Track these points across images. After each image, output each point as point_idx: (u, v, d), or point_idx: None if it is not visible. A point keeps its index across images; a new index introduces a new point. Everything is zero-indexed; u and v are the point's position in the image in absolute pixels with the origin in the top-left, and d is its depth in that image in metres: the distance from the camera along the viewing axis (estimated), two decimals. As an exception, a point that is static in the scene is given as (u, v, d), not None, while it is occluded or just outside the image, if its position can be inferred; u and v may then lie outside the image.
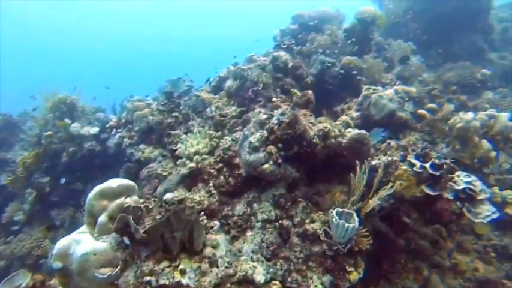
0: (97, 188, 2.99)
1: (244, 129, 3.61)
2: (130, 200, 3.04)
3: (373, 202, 2.92)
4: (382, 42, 6.79)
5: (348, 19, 6.73)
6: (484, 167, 3.55)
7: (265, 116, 3.53)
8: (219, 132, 4.16)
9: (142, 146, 4.88)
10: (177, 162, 3.96)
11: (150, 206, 2.99)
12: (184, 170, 3.78)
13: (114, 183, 3.07)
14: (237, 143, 3.66)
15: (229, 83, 4.77)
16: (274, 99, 4.32)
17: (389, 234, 3.68)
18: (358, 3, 6.71)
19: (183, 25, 47.57)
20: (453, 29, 7.10)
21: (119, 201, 2.97)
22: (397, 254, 3.72)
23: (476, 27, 7.17)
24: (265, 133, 3.35)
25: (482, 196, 3.04)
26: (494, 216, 3.09)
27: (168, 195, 3.53)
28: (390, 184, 3.01)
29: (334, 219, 2.76)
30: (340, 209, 2.92)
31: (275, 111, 3.58)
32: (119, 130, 5.34)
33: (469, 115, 3.51)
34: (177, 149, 4.11)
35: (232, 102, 4.61)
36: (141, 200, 3.41)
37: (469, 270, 4.12)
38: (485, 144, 3.51)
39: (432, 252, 3.93)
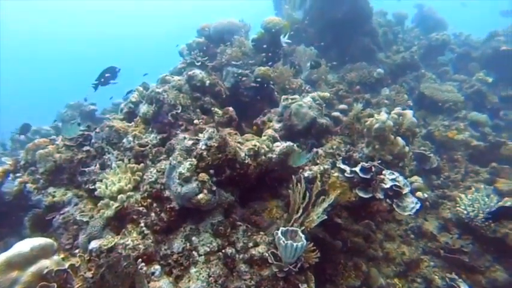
0: (1, 258, 2.35)
1: (170, 158, 3.38)
2: (51, 262, 2.56)
3: (317, 216, 2.96)
4: (287, 48, 7.03)
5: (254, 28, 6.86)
6: (400, 161, 3.87)
7: (191, 142, 3.35)
8: (141, 164, 3.84)
9: (51, 189, 4.27)
10: (99, 204, 3.55)
11: (77, 264, 2.62)
12: (108, 212, 3.40)
13: (25, 246, 2.47)
14: (163, 174, 3.42)
15: (144, 108, 4.44)
16: (196, 121, 4.15)
17: (326, 238, 3.81)
18: (260, 12, 6.89)
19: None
20: (346, 33, 7.70)
21: (35, 268, 2.43)
22: (336, 256, 3.87)
23: (365, 31, 7.89)
24: (195, 160, 3.17)
25: (406, 190, 3.31)
26: (418, 206, 3.39)
27: (94, 244, 3.15)
28: (329, 194, 3.08)
29: (281, 241, 2.73)
30: (283, 229, 2.90)
31: (200, 135, 3.42)
32: (18, 174, 4.62)
33: (383, 116, 3.79)
34: (95, 189, 3.70)
35: (150, 130, 4.30)
36: (62, 256, 2.99)
37: (397, 255, 4.48)
38: (400, 140, 3.83)
39: (366, 247, 4.18)
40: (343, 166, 3.42)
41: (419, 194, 5.04)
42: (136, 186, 3.66)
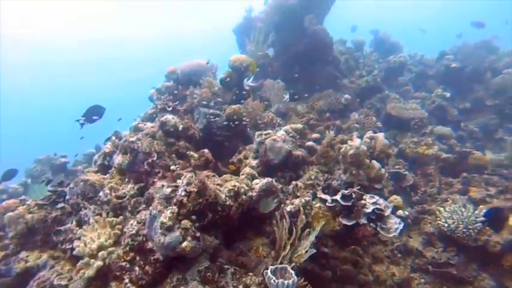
0: None
1: (150, 208, 3.33)
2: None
3: (305, 250, 2.96)
4: (255, 84, 7.21)
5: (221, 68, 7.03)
6: (378, 183, 3.96)
7: (170, 190, 3.32)
8: (121, 217, 3.75)
9: (23, 254, 4.06)
10: (78, 264, 3.41)
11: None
12: (89, 272, 3.27)
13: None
14: (144, 225, 3.35)
15: (119, 158, 4.38)
16: (172, 167, 4.13)
17: (315, 269, 3.78)
18: (225, 53, 7.09)
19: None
20: (310, 63, 8.01)
21: None
22: (327, 286, 3.83)
23: (328, 60, 8.25)
24: (175, 208, 3.14)
25: (388, 212, 3.38)
26: (401, 226, 3.45)
27: (76, 309, 3.02)
28: (314, 226, 3.10)
29: (272, 281, 2.69)
30: (272, 267, 2.88)
31: (179, 181, 3.41)
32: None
33: (357, 141, 3.91)
34: (73, 248, 3.56)
35: (127, 180, 4.23)
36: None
37: (388, 277, 4.48)
38: (375, 163, 3.93)
39: (356, 273, 4.17)
40: (324, 196, 3.47)
41: (400, 212, 5.13)
42: (117, 241, 3.55)
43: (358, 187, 3.62)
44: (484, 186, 5.90)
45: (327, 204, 3.41)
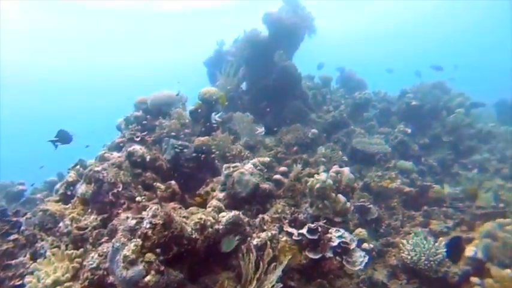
0: None
1: (113, 240, 3.23)
2: None
3: (271, 284, 2.94)
4: (225, 116, 7.30)
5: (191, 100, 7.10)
6: (344, 217, 4.05)
7: (134, 222, 3.25)
8: (81, 250, 3.60)
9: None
10: (30, 303, 3.22)
11: None
12: (43, 311, 3.09)
13: None
14: (106, 258, 3.23)
15: (82, 188, 4.25)
16: (138, 198, 4.05)
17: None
18: (196, 86, 7.21)
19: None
20: (279, 97, 8.25)
21: None
22: (294, 321, 3.79)
23: (296, 95, 8.53)
24: (140, 241, 3.06)
25: (353, 245, 3.44)
26: (366, 259, 3.51)
27: None
28: (280, 260, 3.10)
29: (237, 317, 2.66)
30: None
31: (144, 213, 3.34)
32: None
33: (323, 175, 4.01)
34: (23, 284, 3.36)
35: (90, 211, 4.10)
36: None
37: (355, 311, 4.49)
38: (341, 197, 4.04)
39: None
40: (290, 229, 3.50)
41: (365, 245, 5.21)
42: (76, 275, 3.39)
43: (324, 221, 3.68)
44: (443, 218, 6.16)
45: (294, 237, 3.44)
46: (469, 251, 4.72)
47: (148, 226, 3.09)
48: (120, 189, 4.12)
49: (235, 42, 10.27)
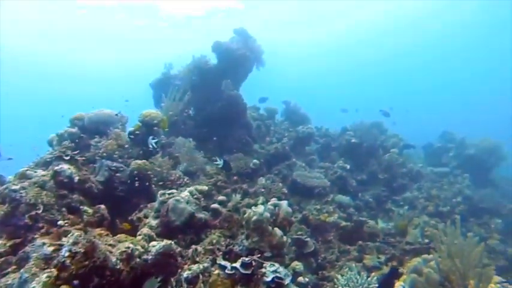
0: None
1: (22, 270, 2.85)
2: None
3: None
4: (166, 140, 7.07)
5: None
6: (279, 251, 3.96)
7: (51, 249, 2.92)
8: (-20, 282, 3.14)
9: None
10: None
11: None
12: None
13: None
14: (10, 291, 2.84)
15: (-8, 210, 3.77)
16: (60, 222, 3.67)
17: None
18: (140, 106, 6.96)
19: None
20: (224, 125, 8.21)
21: None
22: None
23: (241, 124, 8.55)
24: (55, 271, 2.73)
25: (287, 281, 3.35)
26: (296, 296, 3.42)
27: None
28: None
29: None
30: None
31: (64, 239, 3.01)
32: None
33: (260, 208, 3.93)
34: None
35: (-1, 236, 3.63)
36: None
37: None
38: (278, 231, 3.96)
39: None
40: (223, 263, 3.34)
41: (300, 279, 5.15)
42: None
43: (259, 255, 3.57)
44: (375, 253, 6.33)
45: (226, 271, 3.27)
46: (398, 286, 4.84)
47: (66, 254, 2.78)
48: (39, 211, 3.71)
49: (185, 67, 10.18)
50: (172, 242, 3.60)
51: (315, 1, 25.57)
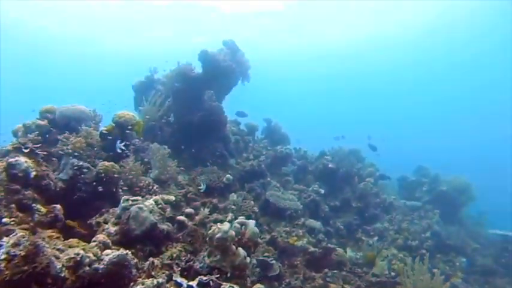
0: None
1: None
2: None
3: None
4: (140, 144, 6.82)
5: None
6: (241, 272, 3.77)
7: (-12, 249, 2.63)
8: None
9: None
10: None
11: None
12: None
13: None
14: None
15: None
16: (5, 219, 3.37)
17: None
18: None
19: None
20: (201, 136, 8.03)
21: None
22: None
23: (219, 137, 8.40)
24: (-14, 275, 2.45)
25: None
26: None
27: None
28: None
29: None
30: None
31: (4, 239, 2.74)
32: None
33: (226, 225, 3.74)
34: None
35: None
36: None
37: None
38: (241, 251, 3.78)
39: None
40: (179, 280, 3.12)
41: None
42: None
43: (218, 275, 3.37)
44: (341, 283, 6.20)
45: (182, 289, 3.06)
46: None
47: (2, 257, 2.51)
48: (-16, 205, 3.41)
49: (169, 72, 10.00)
50: (129, 252, 3.35)
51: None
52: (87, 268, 2.97)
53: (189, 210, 5.24)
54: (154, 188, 5.85)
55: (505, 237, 11.23)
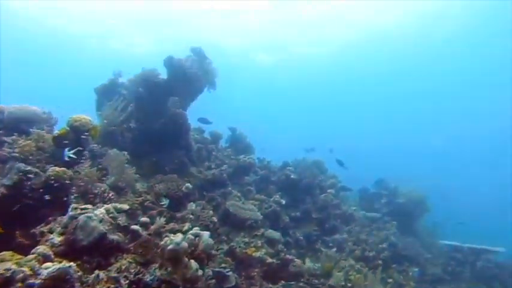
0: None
1: None
2: None
3: None
4: (97, 150, 6.59)
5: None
6: (193, 285, 3.69)
7: None
8: None
9: None
10: None
11: None
12: None
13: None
14: None
15: None
16: None
17: None
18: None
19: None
20: (163, 143, 7.87)
21: None
22: None
23: (181, 145, 8.26)
24: None
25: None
26: None
27: None
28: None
29: None
30: None
31: None
32: None
33: (179, 236, 3.66)
34: None
35: None
36: None
37: None
38: (193, 264, 3.70)
39: None
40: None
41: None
42: None
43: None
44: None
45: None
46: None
47: None
48: None
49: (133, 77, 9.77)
50: (73, 265, 3.19)
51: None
52: (19, 284, 2.79)
53: (144, 219, 5.08)
54: (110, 195, 5.64)
55: (453, 247, 12.00)
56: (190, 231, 4.13)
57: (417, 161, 42.70)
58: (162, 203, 6.19)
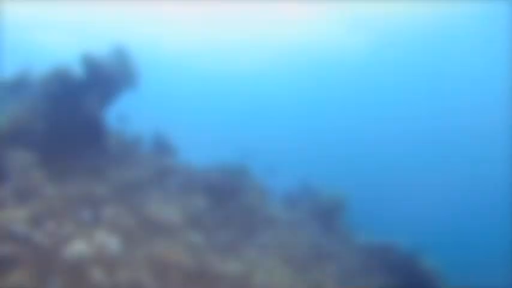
0: None
1: None
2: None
3: None
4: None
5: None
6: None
7: None
8: None
9: None
10: None
11: None
12: None
13: None
14: None
15: None
16: None
17: None
18: None
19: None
20: (78, 145, 7.44)
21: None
22: None
23: (98, 147, 7.89)
24: None
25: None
26: None
27: None
28: None
29: None
30: None
31: None
32: None
33: (82, 245, 3.47)
34: None
35: None
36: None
37: None
38: (96, 273, 3.53)
39: None
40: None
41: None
42: None
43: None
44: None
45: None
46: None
47: None
48: None
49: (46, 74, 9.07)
50: None
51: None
52: None
53: (51, 225, 4.76)
54: (11, 200, 5.21)
55: (370, 243, 12.90)
56: (96, 238, 3.94)
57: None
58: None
